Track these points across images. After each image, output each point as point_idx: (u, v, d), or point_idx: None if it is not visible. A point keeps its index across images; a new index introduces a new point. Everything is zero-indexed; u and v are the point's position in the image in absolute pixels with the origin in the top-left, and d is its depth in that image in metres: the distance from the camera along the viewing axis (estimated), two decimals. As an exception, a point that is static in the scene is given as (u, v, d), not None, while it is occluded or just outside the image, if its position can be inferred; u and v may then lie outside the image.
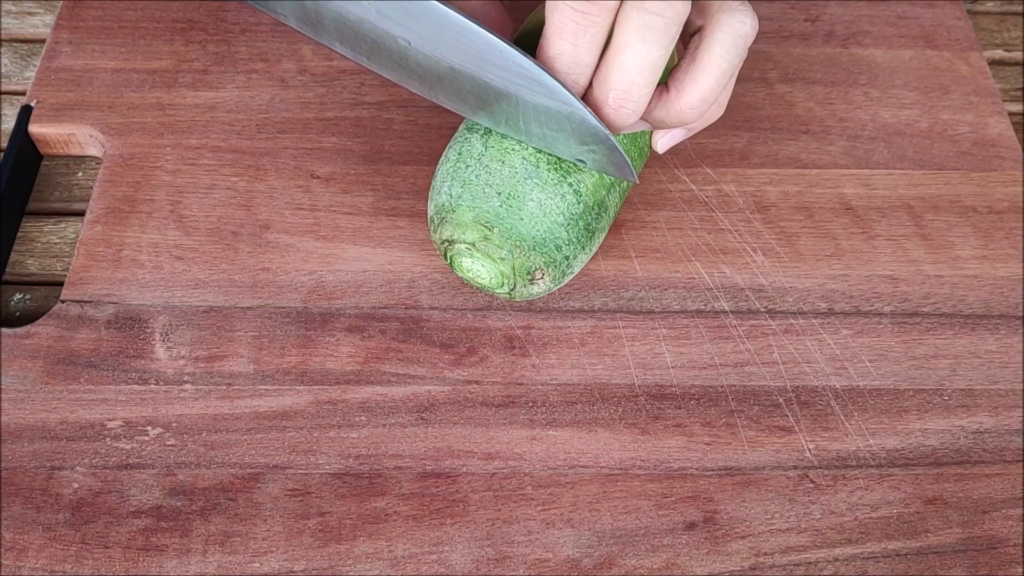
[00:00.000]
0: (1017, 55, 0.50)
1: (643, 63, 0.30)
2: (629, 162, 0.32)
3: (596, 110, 0.31)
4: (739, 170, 0.42)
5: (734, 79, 0.35)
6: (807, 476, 0.35)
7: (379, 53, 0.33)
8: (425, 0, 0.30)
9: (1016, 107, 0.47)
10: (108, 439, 0.34)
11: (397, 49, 0.32)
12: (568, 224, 0.33)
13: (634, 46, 0.30)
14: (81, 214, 0.41)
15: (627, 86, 0.30)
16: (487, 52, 0.31)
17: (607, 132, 0.31)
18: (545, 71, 0.30)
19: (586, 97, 0.32)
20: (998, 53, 0.50)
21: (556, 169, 0.33)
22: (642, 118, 0.33)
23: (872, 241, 0.41)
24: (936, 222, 0.41)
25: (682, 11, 0.30)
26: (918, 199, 0.42)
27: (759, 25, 0.33)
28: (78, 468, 0.34)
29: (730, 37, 0.32)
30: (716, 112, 0.36)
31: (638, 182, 0.37)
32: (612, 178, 0.35)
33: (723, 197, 0.42)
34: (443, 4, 0.30)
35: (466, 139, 0.34)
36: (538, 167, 0.33)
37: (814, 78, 0.46)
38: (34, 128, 0.42)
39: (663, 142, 0.36)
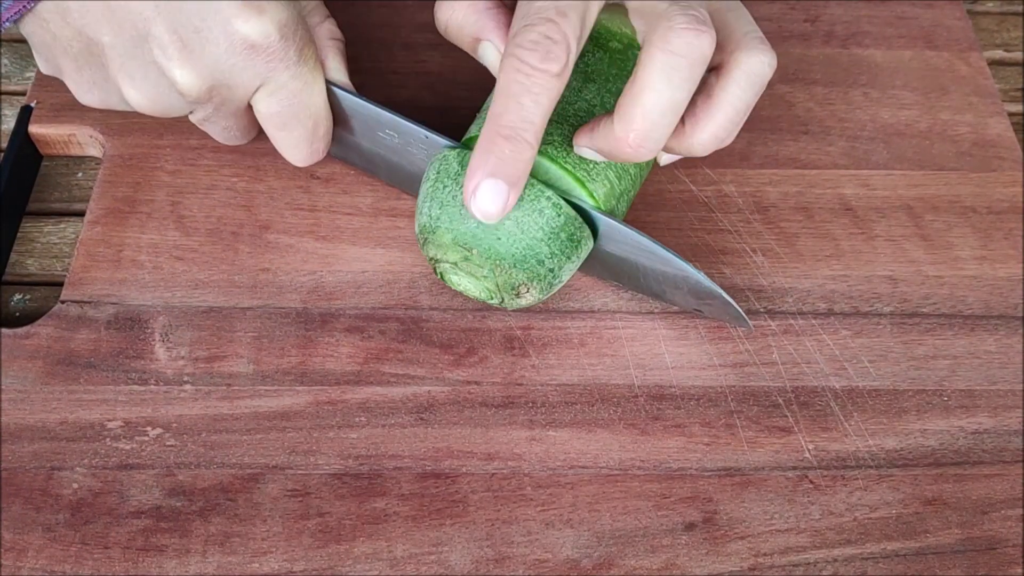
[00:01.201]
0: (1017, 55, 0.50)
1: (665, 106, 0.30)
2: (742, 312, 0.35)
3: (616, 144, 0.31)
4: (738, 170, 0.42)
5: (747, 114, 0.34)
6: (806, 477, 0.35)
7: None
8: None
9: (1016, 107, 0.47)
10: (108, 439, 0.34)
11: None
12: (549, 239, 0.33)
13: (658, 88, 0.30)
14: (81, 214, 0.41)
15: (649, 128, 0.30)
16: (613, 232, 0.34)
17: (721, 290, 0.34)
18: (669, 250, 0.34)
19: (608, 128, 0.32)
20: (998, 53, 0.50)
21: (531, 185, 0.33)
22: None
23: (872, 242, 0.41)
24: (936, 223, 0.41)
25: (707, 53, 0.30)
26: (918, 199, 0.42)
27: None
28: (78, 468, 0.34)
29: (747, 76, 0.32)
30: (725, 141, 0.36)
31: (752, 328, 0.38)
32: (623, 187, 0.35)
33: (723, 198, 0.42)
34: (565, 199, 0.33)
35: (444, 157, 0.34)
36: None
37: (814, 78, 0.46)
38: (34, 128, 0.42)
39: (665, 158, 0.38)
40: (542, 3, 0.30)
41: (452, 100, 0.44)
